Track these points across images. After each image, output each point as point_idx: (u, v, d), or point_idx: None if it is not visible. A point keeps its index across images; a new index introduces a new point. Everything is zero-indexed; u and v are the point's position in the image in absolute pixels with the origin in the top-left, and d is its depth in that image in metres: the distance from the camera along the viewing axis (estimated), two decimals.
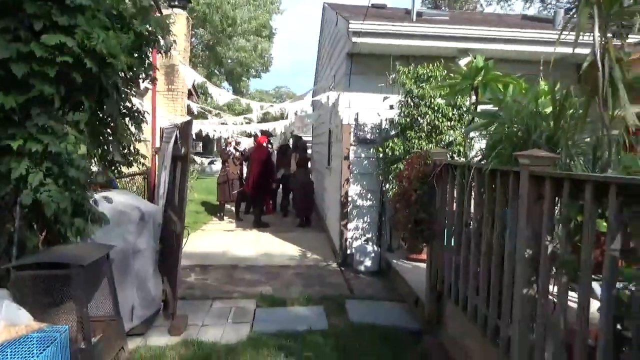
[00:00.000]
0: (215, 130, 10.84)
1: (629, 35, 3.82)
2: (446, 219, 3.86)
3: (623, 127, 2.51)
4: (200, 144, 26.37)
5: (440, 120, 5.61)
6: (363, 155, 6.53)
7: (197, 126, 10.26)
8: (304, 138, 11.31)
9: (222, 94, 9.81)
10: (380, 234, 6.48)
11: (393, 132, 6.16)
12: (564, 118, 2.83)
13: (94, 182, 3.72)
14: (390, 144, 5.84)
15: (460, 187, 3.56)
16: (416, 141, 5.60)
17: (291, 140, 12.33)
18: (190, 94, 14.51)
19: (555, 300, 2.37)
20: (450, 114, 5.66)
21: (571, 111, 2.79)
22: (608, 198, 1.95)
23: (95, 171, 3.82)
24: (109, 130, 4.37)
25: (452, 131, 5.56)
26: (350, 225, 6.54)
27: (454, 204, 3.69)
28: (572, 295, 2.34)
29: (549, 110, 3.12)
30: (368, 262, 6.17)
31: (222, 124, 11.12)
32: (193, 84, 12.40)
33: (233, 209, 10.48)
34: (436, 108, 5.62)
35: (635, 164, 2.73)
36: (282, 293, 5.30)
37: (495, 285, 2.93)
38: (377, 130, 6.49)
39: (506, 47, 6.09)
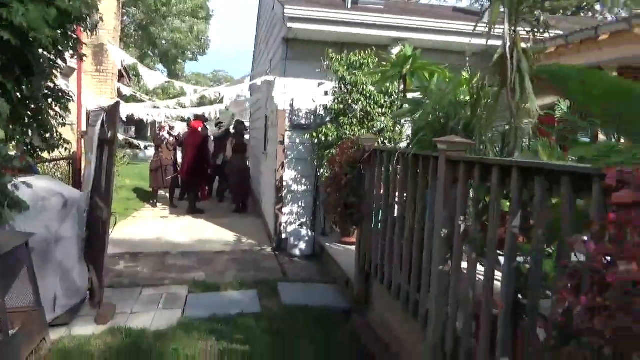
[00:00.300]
0: (148, 114, 10.45)
1: (546, 30, 4.07)
2: (374, 202, 4.00)
3: (531, 115, 2.72)
4: (133, 129, 25.29)
5: (372, 107, 5.76)
6: (298, 140, 6.58)
7: (128, 109, 9.85)
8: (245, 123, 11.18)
9: (153, 76, 9.45)
10: (315, 218, 6.60)
11: (327, 118, 6.25)
12: (479, 107, 3.02)
13: (11, 166, 3.52)
14: (324, 130, 5.93)
15: (386, 171, 3.71)
16: (349, 127, 5.72)
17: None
18: (121, 76, 13.83)
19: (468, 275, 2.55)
20: (382, 101, 5.82)
21: (486, 100, 2.98)
22: (511, 180, 2.12)
23: (12, 156, 3.61)
24: (29, 112, 4.12)
25: (383, 117, 5.73)
26: (285, 210, 6.60)
27: (382, 188, 3.84)
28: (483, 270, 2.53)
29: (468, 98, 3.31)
30: (302, 246, 6.28)
31: (155, 107, 10.74)
32: (124, 66, 11.85)
33: (167, 195, 10.21)
34: (368, 95, 5.76)
35: (546, 149, 2.97)
36: (216, 278, 5.29)
37: (416, 263, 3.10)
38: (312, 116, 6.56)
39: (436, 37, 6.33)
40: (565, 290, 1.32)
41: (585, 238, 1.60)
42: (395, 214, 3.57)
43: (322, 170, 6.23)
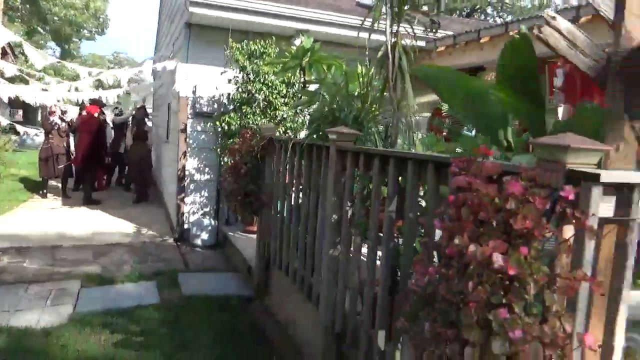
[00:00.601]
0: (36, 97, 9.58)
1: (436, 30, 4.36)
2: (274, 190, 4.10)
3: (410, 110, 2.96)
4: (20, 112, 22.97)
5: (275, 96, 5.83)
6: (200, 128, 6.48)
7: (12, 91, 8.96)
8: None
9: (40, 55, 8.70)
10: (219, 208, 6.56)
11: (231, 107, 6.21)
12: (368, 100, 3.22)
13: None
14: (227, 119, 5.90)
15: (284, 160, 3.81)
16: (251, 116, 5.75)
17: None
18: (5, 53, 12.54)
19: (363, 258, 2.74)
20: (284, 91, 5.91)
21: (374, 94, 3.18)
22: (389, 168, 2.32)
23: None
24: None
25: (285, 107, 5.83)
26: (188, 200, 6.48)
27: (280, 177, 3.95)
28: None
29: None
30: (205, 236, 6.22)
31: (44, 89, 9.88)
32: (9, 42, 10.72)
33: (59, 185, 9.49)
34: (270, 85, 5.81)
35: (433, 142, 3.25)
36: (112, 271, 5.08)
37: (310, 248, 3.26)
38: (216, 104, 6.48)
39: (338, 31, 6.52)
40: (418, 263, 1.50)
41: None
42: (293, 202, 3.70)
43: (225, 159, 6.20)
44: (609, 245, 1.45)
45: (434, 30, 6.91)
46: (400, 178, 2.36)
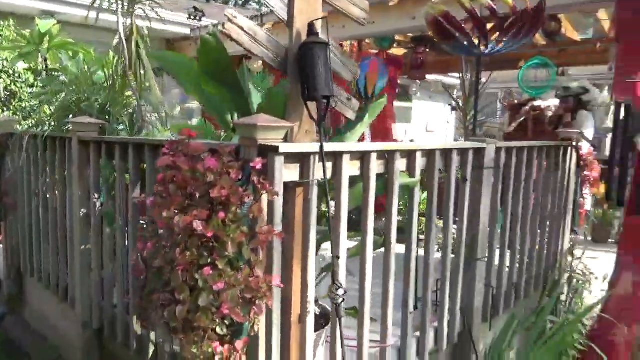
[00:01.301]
0: None
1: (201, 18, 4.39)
2: (19, 191, 3.68)
3: (158, 97, 3.01)
4: None
5: (20, 86, 5.15)
6: None
7: None
8: None
9: None
10: None
11: None
12: (116, 88, 3.15)
13: None
14: None
15: (26, 156, 3.46)
16: None
17: None
18: None
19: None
20: (32, 80, 5.26)
21: (118, 82, 3.12)
22: (129, 156, 2.35)
23: None
24: None
25: (33, 98, 5.20)
26: None
27: (24, 175, 3.56)
28: None
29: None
30: None
31: None
32: None
33: None
34: (13, 72, 5.11)
35: (198, 128, 3.32)
36: None
37: (62, 248, 3.06)
38: None
39: (88, 13, 6.05)
40: (139, 241, 1.61)
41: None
42: (41, 201, 3.39)
43: None
44: (301, 203, 1.79)
45: (197, 18, 7.03)
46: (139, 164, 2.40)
